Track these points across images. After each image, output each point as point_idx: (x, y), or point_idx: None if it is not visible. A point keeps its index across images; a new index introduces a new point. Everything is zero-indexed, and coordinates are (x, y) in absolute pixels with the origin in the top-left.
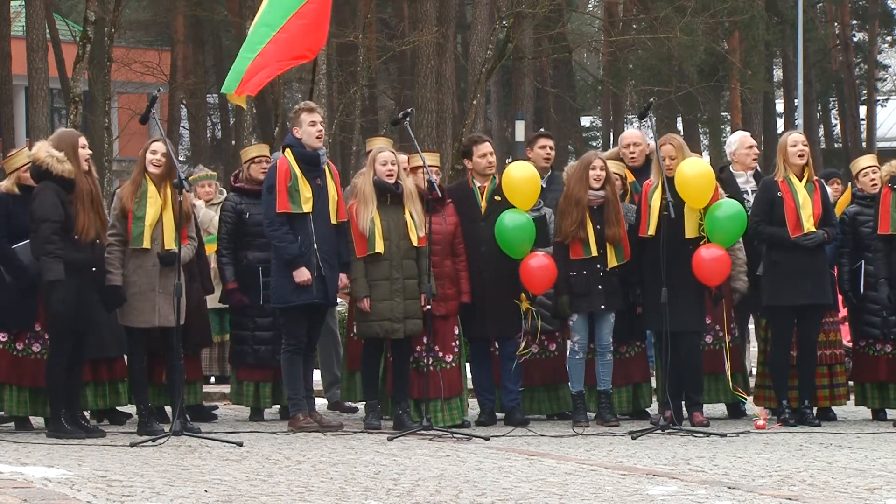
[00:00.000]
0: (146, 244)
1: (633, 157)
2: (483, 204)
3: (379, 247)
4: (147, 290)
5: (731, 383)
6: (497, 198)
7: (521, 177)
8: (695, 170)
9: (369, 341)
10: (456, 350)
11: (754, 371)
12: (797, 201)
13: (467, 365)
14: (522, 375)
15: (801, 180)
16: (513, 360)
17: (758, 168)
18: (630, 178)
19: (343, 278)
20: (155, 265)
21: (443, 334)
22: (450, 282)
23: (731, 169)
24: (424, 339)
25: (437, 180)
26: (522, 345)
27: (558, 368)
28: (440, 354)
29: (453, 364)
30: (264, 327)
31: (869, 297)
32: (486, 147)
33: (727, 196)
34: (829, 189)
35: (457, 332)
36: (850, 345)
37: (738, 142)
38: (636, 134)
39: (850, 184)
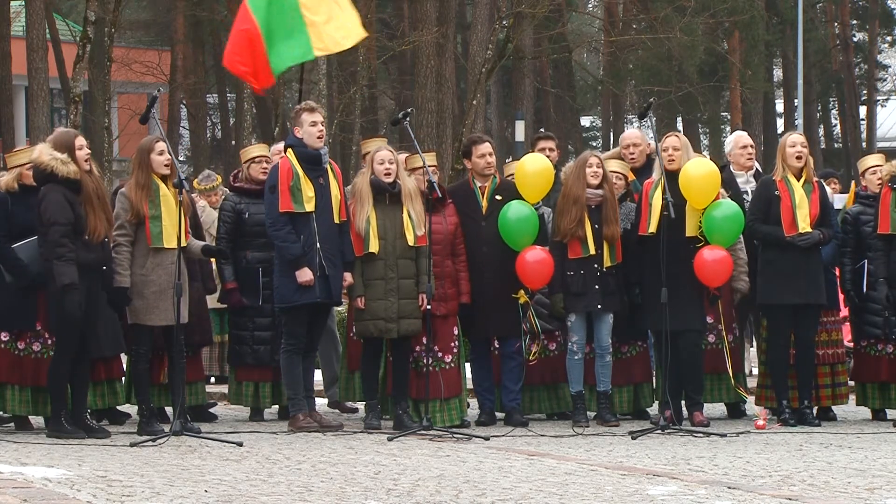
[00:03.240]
0: (167, 243)
1: (633, 158)
2: (484, 204)
3: (373, 246)
4: (167, 289)
5: (733, 381)
6: (498, 197)
7: (535, 169)
8: (700, 170)
9: (368, 341)
10: (455, 350)
11: (755, 371)
12: (794, 201)
13: (467, 365)
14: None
15: (799, 180)
16: (513, 359)
17: (758, 168)
18: (631, 177)
19: (347, 277)
20: (173, 263)
21: (442, 334)
22: (450, 282)
23: (731, 169)
24: (424, 339)
25: (436, 179)
26: (534, 350)
27: (558, 368)
28: (439, 355)
29: (452, 364)
30: (263, 327)
31: (871, 296)
32: (486, 147)
33: (729, 196)
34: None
35: (456, 332)
36: (850, 344)
37: (734, 142)
38: (636, 134)
39: (853, 182)
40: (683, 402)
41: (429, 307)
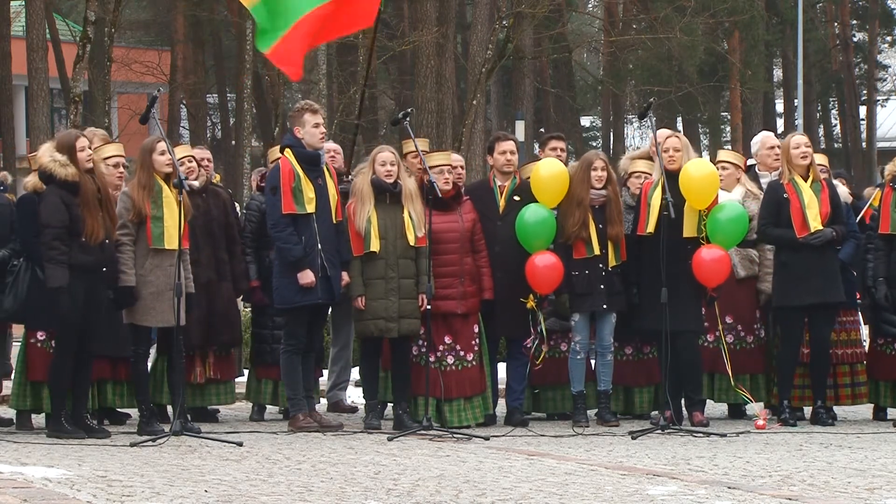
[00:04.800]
0: (167, 244)
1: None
2: (501, 203)
3: (374, 246)
4: (165, 290)
5: (732, 382)
6: (516, 198)
7: (550, 174)
8: (700, 171)
9: (367, 341)
10: (476, 348)
11: None
12: (802, 202)
13: (501, 365)
14: (542, 373)
15: (806, 181)
16: (518, 360)
17: None
18: None
19: (345, 276)
20: (172, 265)
21: (464, 333)
22: (470, 279)
23: (756, 170)
24: (447, 339)
25: (459, 177)
26: (543, 352)
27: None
28: (462, 353)
29: (474, 362)
30: (283, 326)
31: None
32: (509, 145)
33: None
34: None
35: (477, 329)
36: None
37: (761, 143)
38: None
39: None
40: (683, 402)
41: (428, 307)
